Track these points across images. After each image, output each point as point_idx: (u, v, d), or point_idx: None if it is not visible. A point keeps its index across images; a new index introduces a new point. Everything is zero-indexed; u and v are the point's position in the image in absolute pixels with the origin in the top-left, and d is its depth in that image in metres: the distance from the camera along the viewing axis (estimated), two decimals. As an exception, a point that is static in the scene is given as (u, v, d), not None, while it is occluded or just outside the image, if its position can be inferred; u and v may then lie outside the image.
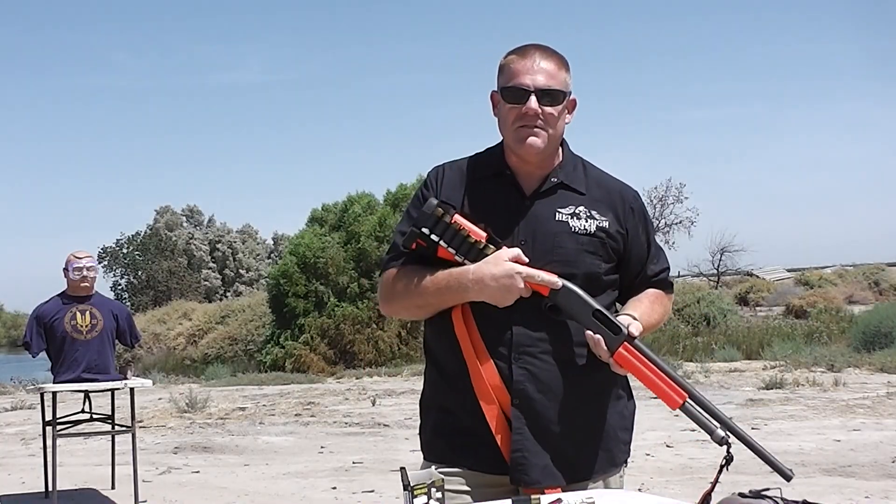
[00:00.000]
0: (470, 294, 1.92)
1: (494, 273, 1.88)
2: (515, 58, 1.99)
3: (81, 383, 5.81)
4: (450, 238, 1.93)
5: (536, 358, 1.94)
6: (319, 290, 19.70)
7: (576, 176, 2.06)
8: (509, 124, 1.99)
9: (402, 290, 2.02)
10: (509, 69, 1.99)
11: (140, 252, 42.92)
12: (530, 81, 1.95)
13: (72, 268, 5.87)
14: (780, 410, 9.00)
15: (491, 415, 1.92)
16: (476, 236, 1.92)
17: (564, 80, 2.00)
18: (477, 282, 1.90)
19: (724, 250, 35.37)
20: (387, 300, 2.08)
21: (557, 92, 1.97)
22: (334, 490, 6.14)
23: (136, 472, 5.80)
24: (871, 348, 14.28)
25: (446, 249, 1.93)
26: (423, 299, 1.98)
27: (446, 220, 1.92)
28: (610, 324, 1.88)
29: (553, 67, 1.98)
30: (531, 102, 1.94)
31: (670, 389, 1.85)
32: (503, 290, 1.89)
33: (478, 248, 1.92)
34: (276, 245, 46.74)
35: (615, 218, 2.04)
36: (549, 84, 1.96)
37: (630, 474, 2.11)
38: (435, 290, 1.96)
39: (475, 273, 1.90)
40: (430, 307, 2.01)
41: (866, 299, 28.20)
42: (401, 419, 9.31)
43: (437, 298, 1.97)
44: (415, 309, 2.05)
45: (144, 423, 9.41)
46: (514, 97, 1.96)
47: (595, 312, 1.89)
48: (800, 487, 5.45)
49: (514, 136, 1.99)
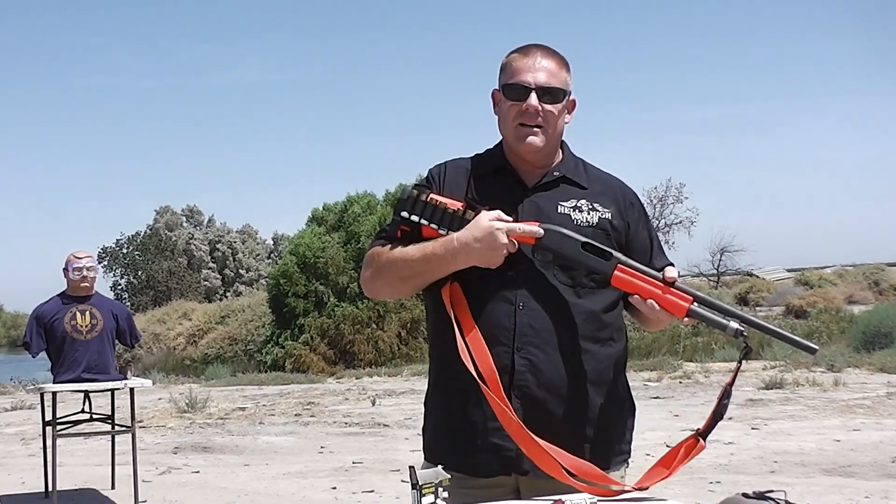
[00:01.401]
0: (458, 259, 1.91)
1: (476, 234, 1.88)
2: (517, 56, 2.01)
3: (81, 383, 5.81)
4: (429, 215, 1.94)
5: (539, 349, 1.94)
6: (319, 290, 19.70)
7: (577, 172, 2.08)
8: (509, 121, 2.00)
9: (385, 262, 2.00)
10: (511, 67, 2.01)
11: (140, 252, 42.92)
12: (531, 79, 1.97)
13: (72, 268, 5.87)
14: (780, 410, 8.99)
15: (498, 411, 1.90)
16: (453, 206, 1.93)
17: (565, 79, 2.02)
18: (462, 245, 1.89)
19: (724, 250, 35.47)
20: (370, 276, 2.05)
21: (558, 90, 1.99)
22: (334, 490, 6.14)
23: (136, 472, 5.80)
24: (871, 348, 14.28)
25: (429, 226, 1.94)
26: (408, 268, 1.96)
27: (423, 199, 1.94)
28: (601, 252, 1.89)
29: (554, 66, 2.00)
30: (531, 100, 1.96)
31: (675, 297, 1.86)
32: (488, 248, 1.88)
33: (458, 216, 1.93)
34: (276, 245, 46.73)
35: (617, 210, 2.05)
36: (549, 82, 1.97)
37: (630, 474, 2.11)
38: (422, 258, 1.94)
39: (459, 238, 1.90)
40: (416, 278, 1.98)
41: (866, 299, 28.18)
42: (401, 419, 9.31)
43: (424, 266, 1.95)
44: (398, 282, 2.02)
45: (144, 423, 9.41)
46: (515, 94, 1.98)
47: (584, 245, 1.90)
48: (800, 487, 5.45)
49: (513, 133, 2.00)
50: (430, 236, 1.95)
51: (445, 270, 1.95)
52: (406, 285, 2.03)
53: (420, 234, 1.96)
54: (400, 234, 1.98)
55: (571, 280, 1.96)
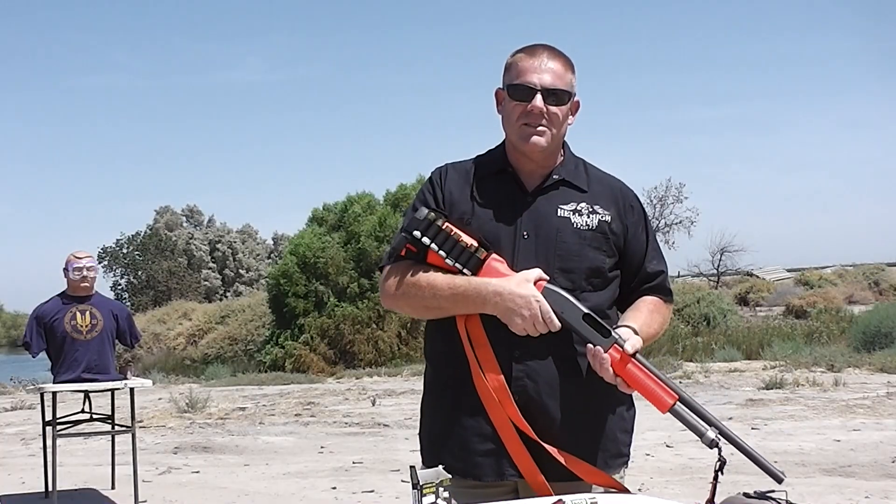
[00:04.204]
0: (487, 307, 1.91)
1: (516, 295, 1.87)
2: (523, 56, 2.01)
3: (81, 383, 5.81)
4: (441, 242, 1.92)
5: (537, 357, 1.94)
6: (319, 290, 19.69)
7: (577, 174, 2.07)
8: (514, 121, 2.00)
9: (411, 287, 1.99)
10: (516, 67, 2.00)
11: (140, 252, 42.89)
12: (537, 80, 1.96)
13: (72, 268, 5.87)
14: (780, 410, 8.99)
15: (494, 415, 1.91)
16: (467, 242, 1.93)
17: (570, 81, 2.02)
18: (496, 295, 1.88)
19: (724, 250, 35.40)
20: (392, 296, 2.04)
21: (563, 92, 1.99)
22: (334, 490, 6.14)
23: (136, 472, 5.80)
24: (871, 348, 14.27)
25: (437, 253, 1.93)
26: (435, 302, 1.96)
27: (438, 224, 1.93)
28: (600, 327, 1.88)
29: (560, 68, 1.99)
30: (537, 101, 1.96)
31: (661, 391, 1.84)
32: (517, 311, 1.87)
33: (470, 252, 1.92)
34: (276, 245, 46.72)
35: (616, 213, 2.05)
36: (555, 84, 1.97)
37: (630, 474, 2.11)
38: (451, 296, 1.93)
39: (497, 289, 1.89)
40: (439, 311, 1.99)
41: (866, 299, 28.15)
42: (401, 419, 9.31)
43: (451, 304, 1.94)
44: (422, 309, 2.03)
45: (144, 423, 9.41)
46: (520, 95, 1.98)
47: (585, 316, 1.88)
48: (800, 487, 5.46)
49: (518, 133, 2.00)
50: (435, 263, 1.95)
51: (470, 311, 1.94)
52: (429, 313, 2.04)
53: (425, 256, 1.96)
54: (405, 252, 1.98)
55: (571, 283, 1.96)
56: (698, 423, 1.81)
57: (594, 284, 1.97)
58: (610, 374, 1.86)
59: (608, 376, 1.86)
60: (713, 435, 1.80)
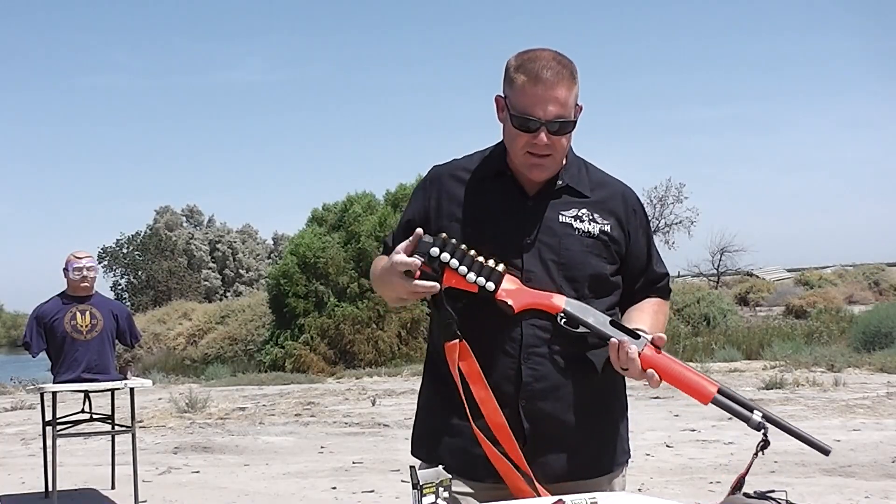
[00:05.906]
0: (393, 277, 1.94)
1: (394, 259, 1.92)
2: (526, 80, 1.89)
3: (81, 383, 5.81)
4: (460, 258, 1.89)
5: (545, 358, 1.93)
6: (319, 290, 19.69)
7: (580, 179, 2.04)
8: (517, 148, 1.94)
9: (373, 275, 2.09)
10: (518, 90, 1.90)
11: (140, 252, 42.89)
12: (542, 113, 1.88)
13: (72, 268, 5.87)
14: (780, 410, 8.99)
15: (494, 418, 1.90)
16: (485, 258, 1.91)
17: (575, 100, 1.94)
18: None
19: (724, 250, 35.43)
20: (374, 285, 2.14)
21: (568, 122, 1.92)
22: (334, 490, 6.15)
23: (136, 472, 5.80)
24: (871, 348, 14.28)
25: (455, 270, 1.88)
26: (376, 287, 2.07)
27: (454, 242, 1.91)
28: (628, 331, 1.88)
29: (564, 93, 1.89)
30: (542, 135, 1.89)
31: (703, 381, 1.85)
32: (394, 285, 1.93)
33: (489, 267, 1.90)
34: (276, 245, 46.73)
35: (617, 221, 2.02)
36: (560, 114, 1.89)
37: (630, 474, 2.11)
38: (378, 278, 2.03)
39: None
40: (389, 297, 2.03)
41: (866, 299, 28.17)
42: (401, 419, 9.31)
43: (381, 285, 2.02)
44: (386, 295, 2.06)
45: (144, 423, 9.41)
46: (524, 127, 1.90)
47: (612, 321, 1.89)
48: (800, 487, 5.46)
49: (522, 161, 1.95)
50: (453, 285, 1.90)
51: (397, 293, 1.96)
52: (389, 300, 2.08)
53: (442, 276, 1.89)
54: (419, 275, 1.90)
55: (576, 293, 1.95)
56: (742, 409, 1.82)
57: (596, 292, 1.96)
58: (637, 367, 1.84)
59: (635, 370, 1.84)
60: (758, 418, 1.82)
